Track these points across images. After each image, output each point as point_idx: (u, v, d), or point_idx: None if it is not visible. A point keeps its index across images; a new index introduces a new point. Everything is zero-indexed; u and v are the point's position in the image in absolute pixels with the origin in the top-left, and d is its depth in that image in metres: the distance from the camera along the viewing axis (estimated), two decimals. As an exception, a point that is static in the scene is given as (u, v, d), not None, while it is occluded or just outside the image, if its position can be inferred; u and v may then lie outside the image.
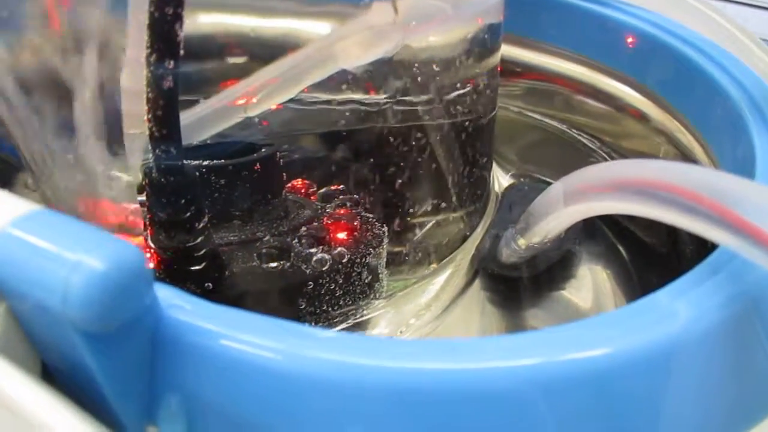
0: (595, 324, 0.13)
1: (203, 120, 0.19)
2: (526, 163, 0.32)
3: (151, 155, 0.15)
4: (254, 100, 0.19)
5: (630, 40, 0.23)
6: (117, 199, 0.18)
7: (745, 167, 0.16)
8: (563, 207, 0.17)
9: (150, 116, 0.14)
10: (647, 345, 0.12)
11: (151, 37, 0.13)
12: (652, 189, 0.13)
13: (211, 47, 0.19)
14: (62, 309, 0.10)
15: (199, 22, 0.19)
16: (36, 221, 0.10)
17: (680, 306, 0.13)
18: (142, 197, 0.17)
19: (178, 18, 0.13)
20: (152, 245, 0.17)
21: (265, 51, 0.19)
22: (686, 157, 0.22)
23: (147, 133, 0.14)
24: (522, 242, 0.21)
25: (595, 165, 0.16)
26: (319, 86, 0.19)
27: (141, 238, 0.18)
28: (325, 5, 0.19)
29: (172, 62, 0.13)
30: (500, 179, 0.30)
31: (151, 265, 0.18)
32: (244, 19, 0.19)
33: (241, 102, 0.19)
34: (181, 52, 0.13)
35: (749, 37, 0.21)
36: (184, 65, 0.14)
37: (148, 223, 0.17)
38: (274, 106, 0.19)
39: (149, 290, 0.11)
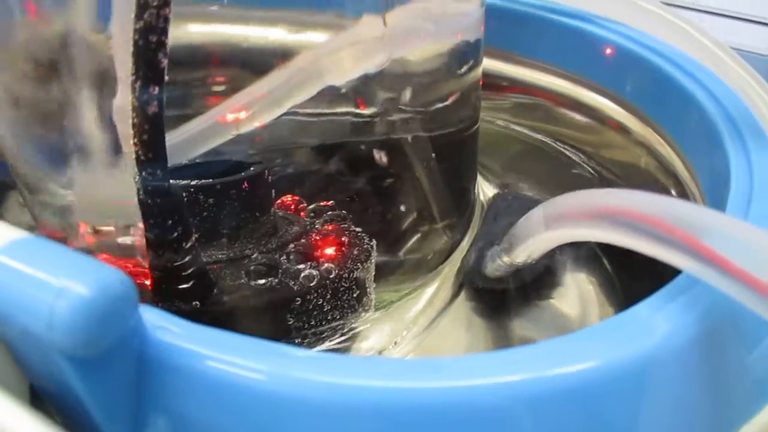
0: (576, 339, 0.13)
1: (194, 138, 0.19)
2: (511, 175, 0.32)
3: (138, 177, 0.15)
4: (242, 115, 0.19)
5: (609, 54, 0.24)
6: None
7: (720, 181, 0.16)
8: (545, 231, 0.17)
9: (136, 140, 0.14)
10: (628, 359, 0.13)
11: (136, 64, 0.13)
12: (628, 219, 0.13)
13: (199, 57, 0.19)
14: (48, 335, 0.10)
15: (188, 31, 0.19)
16: (23, 248, 0.11)
17: (659, 320, 0.13)
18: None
19: (162, 46, 0.13)
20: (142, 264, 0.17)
21: (254, 60, 0.19)
22: (666, 168, 0.22)
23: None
24: (507, 260, 0.21)
25: (574, 193, 0.16)
26: (307, 100, 0.20)
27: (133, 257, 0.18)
28: (316, 15, 0.19)
29: (156, 88, 0.14)
30: (485, 190, 0.30)
31: (141, 285, 0.18)
32: (234, 29, 0.19)
33: (230, 118, 0.19)
34: (166, 77, 0.14)
35: (724, 50, 0.21)
36: (173, 75, 0.14)
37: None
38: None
39: (134, 313, 0.11)
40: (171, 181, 0.16)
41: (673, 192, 0.21)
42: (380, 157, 0.22)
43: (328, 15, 0.19)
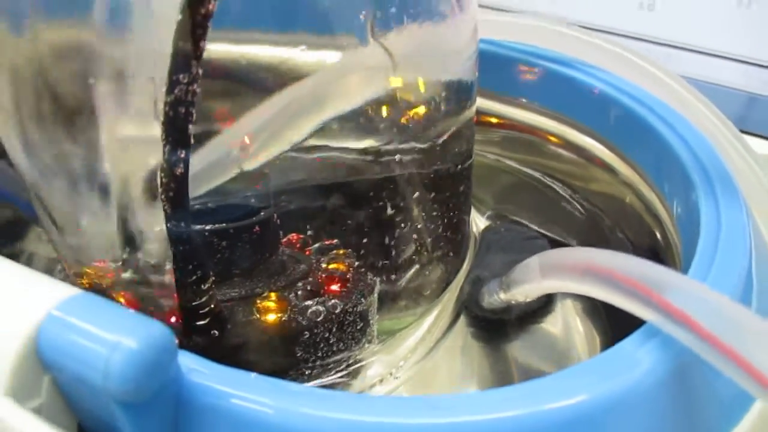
0: (568, 375, 0.14)
1: (198, 176, 0.21)
2: (502, 206, 0.34)
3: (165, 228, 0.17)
4: (243, 147, 0.20)
5: (593, 97, 0.25)
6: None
7: (693, 227, 0.18)
8: (540, 279, 0.19)
9: (164, 196, 0.16)
10: (616, 391, 0.14)
11: (166, 131, 0.15)
12: (610, 278, 0.15)
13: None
14: (103, 383, 0.11)
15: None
16: (77, 304, 0.12)
17: (642, 354, 0.15)
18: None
19: (189, 116, 0.15)
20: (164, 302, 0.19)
21: (260, 80, 0.20)
22: (648, 208, 0.23)
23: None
24: (504, 297, 0.23)
25: (568, 249, 0.19)
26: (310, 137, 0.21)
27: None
28: (325, 38, 0.20)
29: (183, 152, 0.15)
30: (477, 221, 0.32)
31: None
32: (238, 48, 0.20)
33: (234, 153, 0.21)
34: (191, 141, 0.15)
35: (696, 97, 0.23)
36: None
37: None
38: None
39: (175, 361, 0.12)
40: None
41: (657, 233, 0.23)
42: (380, 193, 0.23)
43: (339, 36, 0.20)
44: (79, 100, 0.16)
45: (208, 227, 0.20)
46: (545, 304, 0.27)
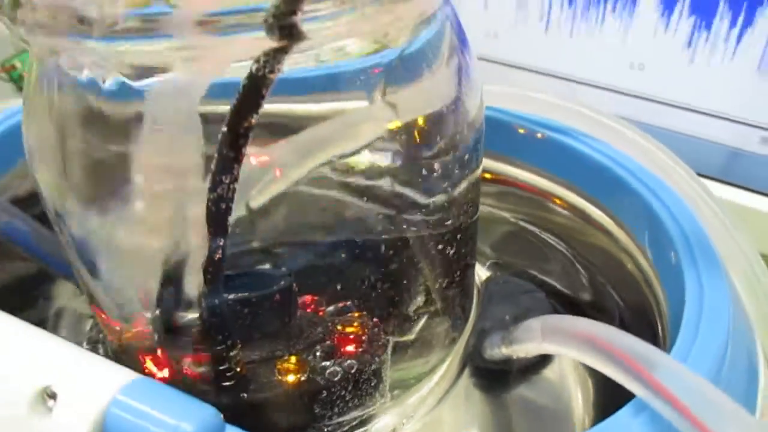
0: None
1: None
2: (500, 255, 0.35)
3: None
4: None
5: (590, 167, 0.27)
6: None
7: (679, 301, 0.20)
8: (541, 342, 0.21)
9: (203, 278, 0.18)
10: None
11: (208, 223, 0.17)
12: (611, 354, 0.17)
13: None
14: (164, 462, 0.13)
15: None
16: (137, 389, 0.14)
17: (635, 425, 0.17)
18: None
19: (229, 210, 0.16)
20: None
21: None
22: (645, 279, 0.25)
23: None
24: (505, 352, 0.24)
25: (570, 317, 0.20)
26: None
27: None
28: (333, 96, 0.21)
29: (222, 240, 0.17)
30: (479, 272, 0.33)
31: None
32: None
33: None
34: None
35: (682, 168, 0.25)
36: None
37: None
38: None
39: (223, 438, 0.14)
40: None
41: (653, 303, 0.24)
42: (390, 251, 0.24)
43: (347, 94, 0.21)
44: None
45: (235, 297, 0.21)
46: (545, 356, 0.29)
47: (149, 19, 0.14)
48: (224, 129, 0.15)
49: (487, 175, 0.33)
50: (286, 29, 0.14)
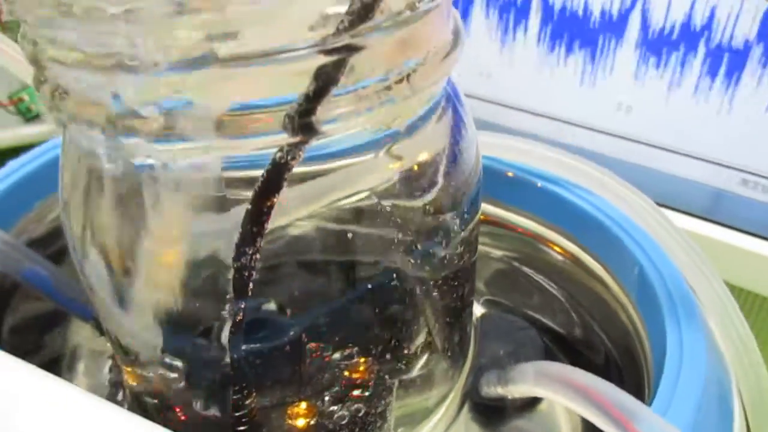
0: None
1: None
2: (494, 292, 0.36)
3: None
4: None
5: (579, 216, 0.29)
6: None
7: (661, 352, 0.22)
8: (534, 386, 0.22)
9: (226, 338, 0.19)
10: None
11: (234, 289, 0.18)
12: (600, 405, 0.19)
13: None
14: None
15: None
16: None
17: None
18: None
19: (251, 279, 0.18)
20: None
21: None
22: (635, 330, 0.26)
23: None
24: (501, 391, 0.26)
25: (563, 366, 0.22)
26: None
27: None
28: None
29: (244, 303, 0.19)
30: (474, 309, 0.35)
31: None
32: None
33: None
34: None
35: (642, 199, 0.27)
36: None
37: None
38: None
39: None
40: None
41: (641, 353, 0.25)
42: (392, 297, 0.25)
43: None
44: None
45: (254, 348, 0.23)
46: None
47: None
48: (248, 207, 0.17)
49: (481, 216, 0.35)
50: (305, 127, 0.16)
